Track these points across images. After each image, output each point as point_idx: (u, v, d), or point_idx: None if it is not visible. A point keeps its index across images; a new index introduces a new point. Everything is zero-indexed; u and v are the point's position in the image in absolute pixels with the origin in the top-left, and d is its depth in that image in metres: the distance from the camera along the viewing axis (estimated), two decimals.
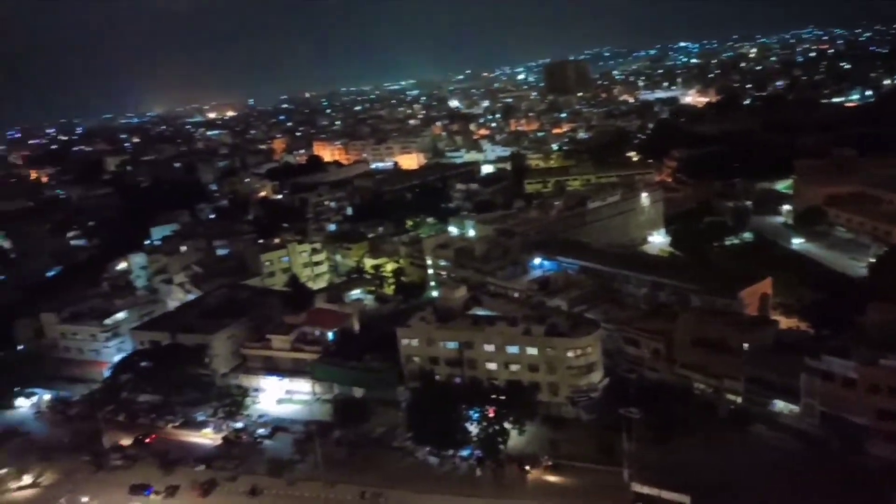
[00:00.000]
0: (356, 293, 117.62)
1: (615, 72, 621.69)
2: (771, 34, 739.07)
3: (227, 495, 71.88)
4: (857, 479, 61.30)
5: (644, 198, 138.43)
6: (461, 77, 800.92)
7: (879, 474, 59.47)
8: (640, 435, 69.42)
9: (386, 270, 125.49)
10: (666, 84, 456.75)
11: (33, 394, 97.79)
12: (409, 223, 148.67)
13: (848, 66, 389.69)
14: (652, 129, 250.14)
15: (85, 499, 73.51)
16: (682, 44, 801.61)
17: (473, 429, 74.43)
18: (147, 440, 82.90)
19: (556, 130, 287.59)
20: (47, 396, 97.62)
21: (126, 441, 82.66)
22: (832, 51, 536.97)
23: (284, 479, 73.60)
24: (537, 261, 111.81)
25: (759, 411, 73.50)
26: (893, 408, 63.94)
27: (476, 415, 75.84)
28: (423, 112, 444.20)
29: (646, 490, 62.43)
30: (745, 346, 74.94)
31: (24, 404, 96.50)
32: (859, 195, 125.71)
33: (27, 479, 77.91)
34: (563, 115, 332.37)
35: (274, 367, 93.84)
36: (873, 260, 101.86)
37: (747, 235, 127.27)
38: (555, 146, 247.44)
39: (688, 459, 68.05)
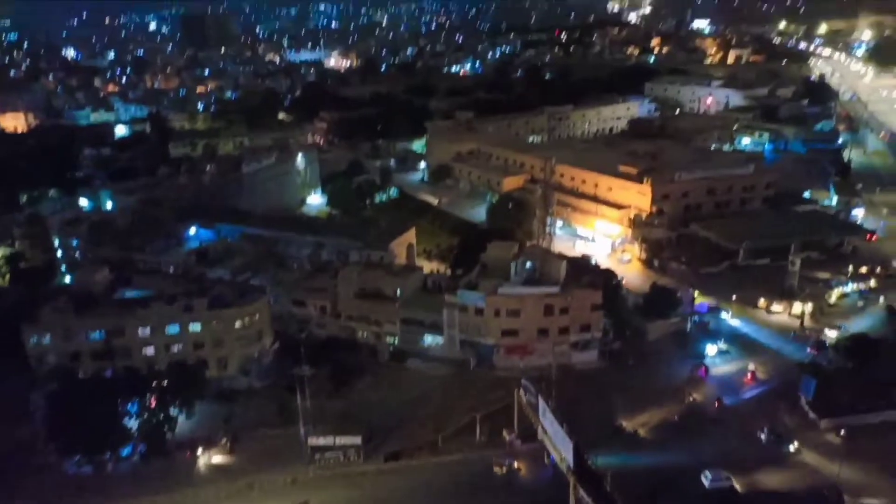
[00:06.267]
0: None
1: (258, 28, 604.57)
2: (400, 4, 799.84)
3: None
4: (490, 386, 74.86)
5: (300, 160, 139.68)
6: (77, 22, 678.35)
7: (504, 380, 73.63)
8: (315, 390, 72.05)
9: None
10: (310, 45, 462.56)
11: None
12: (25, 197, 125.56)
13: (461, 39, 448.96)
14: (301, 90, 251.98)
15: None
16: (322, 7, 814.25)
17: (134, 423, 67.19)
18: None
19: (199, 89, 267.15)
20: None
21: None
22: (449, 23, 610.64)
23: None
24: (193, 231, 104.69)
25: (413, 348, 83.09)
26: (511, 327, 78.85)
27: (135, 407, 68.44)
28: (28, 61, 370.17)
29: (321, 441, 65.35)
30: (399, 291, 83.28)
31: None
32: (477, 152, 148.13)
33: None
34: (207, 72, 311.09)
35: None
36: (488, 206, 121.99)
37: (393, 192, 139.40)
38: (200, 106, 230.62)
39: (359, 403, 73.75)
